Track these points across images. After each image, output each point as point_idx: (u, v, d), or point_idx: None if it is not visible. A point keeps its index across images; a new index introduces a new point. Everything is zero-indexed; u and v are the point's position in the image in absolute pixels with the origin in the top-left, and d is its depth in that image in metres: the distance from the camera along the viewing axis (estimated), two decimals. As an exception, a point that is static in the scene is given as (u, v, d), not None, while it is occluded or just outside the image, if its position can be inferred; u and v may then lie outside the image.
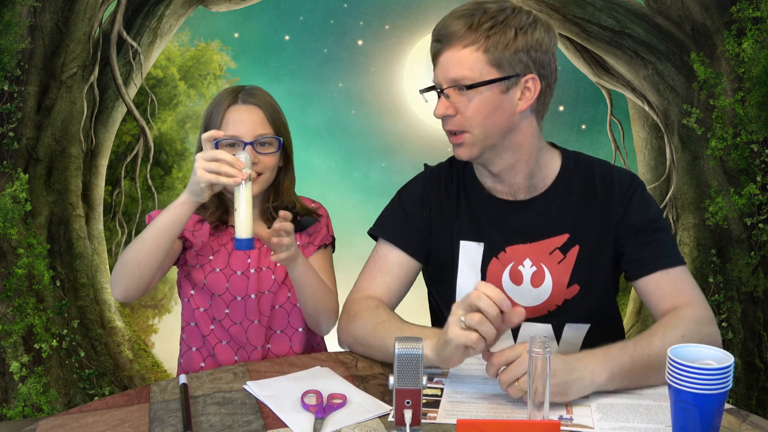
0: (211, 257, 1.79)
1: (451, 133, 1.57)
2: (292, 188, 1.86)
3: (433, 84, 1.58)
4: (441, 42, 1.52)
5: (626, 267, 1.62)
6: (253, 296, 1.78)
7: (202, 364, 1.82)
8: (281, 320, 1.82)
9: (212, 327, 1.81)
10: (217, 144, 1.70)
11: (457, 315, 1.33)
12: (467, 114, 1.52)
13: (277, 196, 1.84)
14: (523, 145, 1.58)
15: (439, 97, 1.56)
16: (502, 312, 1.31)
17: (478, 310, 1.31)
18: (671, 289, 1.55)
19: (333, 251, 1.92)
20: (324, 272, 1.82)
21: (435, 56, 1.55)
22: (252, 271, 1.79)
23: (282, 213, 1.59)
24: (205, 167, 1.51)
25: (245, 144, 1.71)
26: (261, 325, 1.80)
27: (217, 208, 1.80)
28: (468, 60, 1.49)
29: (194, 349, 1.83)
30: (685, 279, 1.58)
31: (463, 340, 1.32)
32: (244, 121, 1.74)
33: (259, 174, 1.73)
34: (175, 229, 1.60)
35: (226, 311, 1.79)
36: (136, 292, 1.67)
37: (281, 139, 1.77)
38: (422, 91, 1.60)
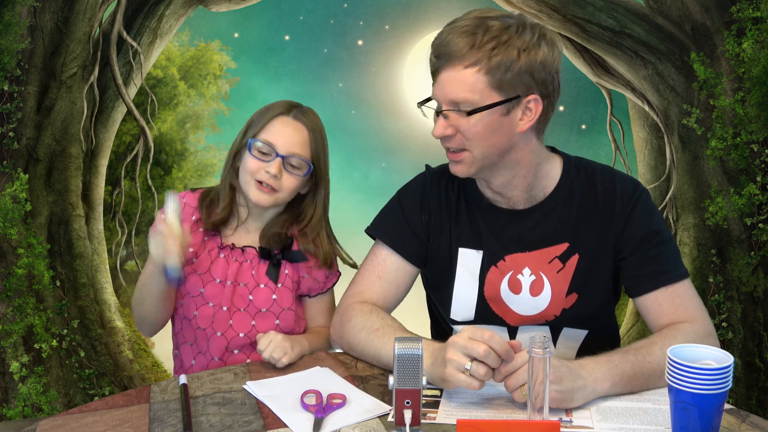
0: (194, 260, 1.78)
1: (449, 150, 1.54)
2: (317, 222, 1.80)
3: (430, 97, 1.53)
4: (440, 59, 1.47)
5: (626, 283, 1.60)
6: (225, 308, 1.76)
7: (193, 362, 1.82)
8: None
9: (182, 328, 1.82)
10: (250, 145, 1.70)
11: (458, 357, 1.33)
12: (467, 135, 1.49)
13: (296, 222, 1.80)
14: (521, 162, 1.56)
15: (437, 115, 1.51)
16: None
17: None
18: (669, 305, 1.54)
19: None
20: (325, 314, 1.84)
21: (434, 73, 1.50)
22: (228, 283, 1.76)
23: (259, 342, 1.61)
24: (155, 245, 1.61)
25: (277, 155, 1.69)
26: (224, 337, 1.77)
27: (224, 209, 1.78)
28: (469, 81, 1.45)
29: (189, 344, 1.83)
30: (685, 294, 1.55)
31: (464, 385, 1.33)
32: (287, 134, 1.72)
33: (275, 189, 1.71)
34: (166, 288, 1.72)
35: (195, 313, 1.77)
36: (163, 324, 1.83)
37: (312, 166, 1.73)
38: (420, 104, 1.56)
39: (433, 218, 1.67)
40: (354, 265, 1.85)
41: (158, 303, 1.74)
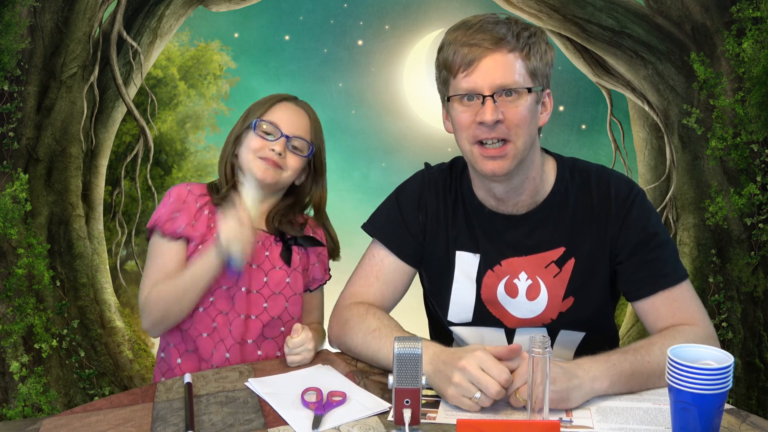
0: (200, 247, 1.77)
1: (492, 144, 1.50)
2: (321, 209, 1.89)
3: (463, 93, 1.49)
4: (480, 46, 1.46)
5: (624, 288, 1.60)
6: (243, 289, 1.77)
7: (179, 360, 1.79)
8: (275, 328, 1.80)
9: (192, 319, 1.78)
10: (255, 124, 1.76)
11: (466, 384, 1.33)
12: (514, 121, 1.48)
13: (299, 208, 1.86)
14: (534, 161, 1.57)
15: (483, 103, 1.47)
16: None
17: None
18: (668, 310, 1.53)
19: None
20: (318, 310, 1.90)
21: (473, 61, 1.47)
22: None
23: (294, 327, 1.63)
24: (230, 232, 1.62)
25: (282, 135, 1.76)
26: (246, 320, 1.77)
27: (226, 189, 1.81)
28: (515, 65, 1.47)
29: (172, 345, 1.80)
30: (684, 297, 1.54)
31: (464, 408, 1.35)
32: (291, 117, 1.80)
33: (279, 166, 1.76)
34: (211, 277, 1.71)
35: (211, 299, 1.76)
36: (173, 326, 1.78)
37: (314, 147, 1.82)
38: (450, 98, 1.52)
39: (429, 218, 1.67)
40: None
41: (200, 296, 1.73)
